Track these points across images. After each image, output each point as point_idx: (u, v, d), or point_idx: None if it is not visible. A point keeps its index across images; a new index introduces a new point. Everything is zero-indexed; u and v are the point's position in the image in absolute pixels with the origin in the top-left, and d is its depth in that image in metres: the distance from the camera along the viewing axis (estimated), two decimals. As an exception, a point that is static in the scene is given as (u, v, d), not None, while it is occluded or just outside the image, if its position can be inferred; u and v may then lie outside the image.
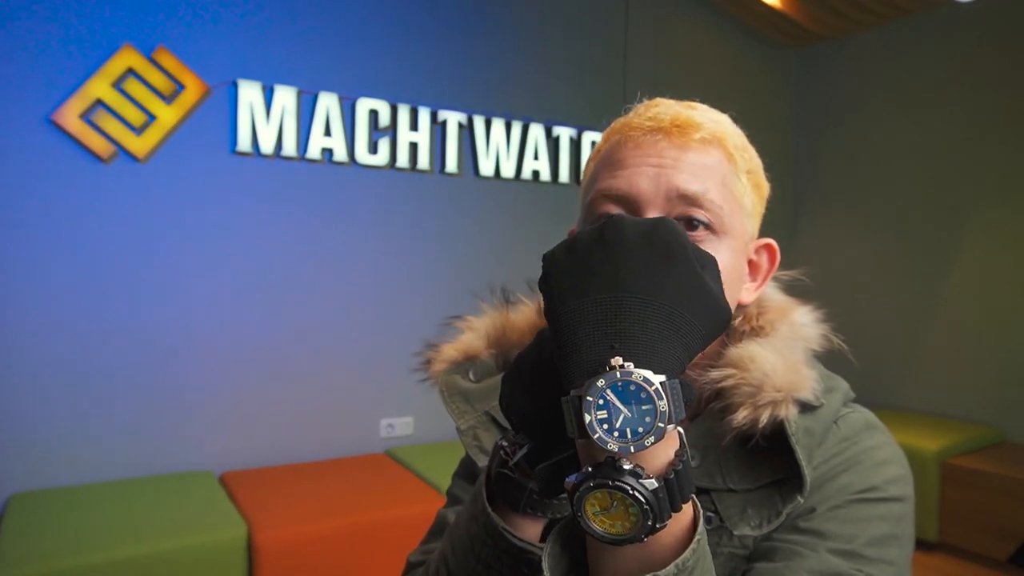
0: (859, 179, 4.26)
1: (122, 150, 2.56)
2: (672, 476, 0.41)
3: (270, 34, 2.84)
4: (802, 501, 0.58)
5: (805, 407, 0.62)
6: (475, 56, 3.34)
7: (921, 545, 3.27)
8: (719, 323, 0.46)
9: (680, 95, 0.72)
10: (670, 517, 0.41)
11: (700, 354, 0.63)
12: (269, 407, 2.88)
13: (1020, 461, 3.18)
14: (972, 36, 3.72)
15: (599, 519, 0.41)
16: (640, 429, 0.40)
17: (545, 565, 0.45)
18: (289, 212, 2.90)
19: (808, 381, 0.62)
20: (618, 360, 0.40)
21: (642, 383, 0.39)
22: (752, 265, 0.70)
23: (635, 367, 0.40)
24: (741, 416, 0.59)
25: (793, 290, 0.74)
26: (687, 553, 0.42)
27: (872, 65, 4.20)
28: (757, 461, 0.61)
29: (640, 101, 0.70)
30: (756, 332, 0.67)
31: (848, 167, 4.32)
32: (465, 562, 0.57)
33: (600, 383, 0.40)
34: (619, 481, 0.40)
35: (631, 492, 0.39)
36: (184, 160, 2.67)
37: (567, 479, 0.42)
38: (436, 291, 3.20)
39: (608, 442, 0.40)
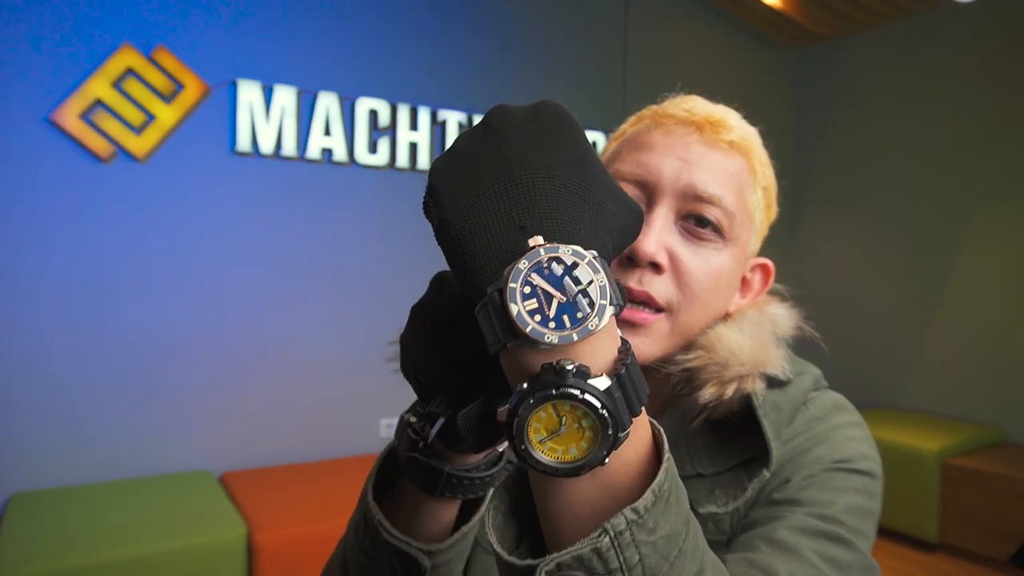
0: (859, 179, 4.26)
1: (122, 150, 2.56)
2: (623, 371, 0.34)
3: (270, 34, 2.83)
4: (767, 475, 0.57)
5: (773, 383, 0.62)
6: (475, 56, 3.34)
7: (921, 545, 3.27)
8: (634, 216, 0.40)
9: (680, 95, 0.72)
10: (631, 423, 0.35)
11: (671, 345, 0.62)
12: (269, 407, 2.87)
13: (1020, 461, 3.18)
14: (972, 36, 3.72)
15: (547, 447, 0.34)
16: (579, 314, 0.33)
17: (492, 538, 0.39)
18: (289, 212, 2.89)
19: (776, 358, 0.62)
20: (537, 239, 0.34)
21: (572, 256, 0.33)
22: (744, 282, 0.70)
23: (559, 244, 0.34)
24: (708, 393, 0.59)
25: (793, 292, 0.74)
26: (660, 475, 0.36)
27: (872, 65, 4.20)
28: (726, 444, 0.62)
29: (676, 94, 0.70)
30: (725, 319, 0.67)
31: (848, 167, 4.32)
32: (352, 547, 0.54)
33: (523, 265, 0.33)
34: (565, 387, 0.32)
35: (582, 396, 0.32)
36: (184, 160, 2.67)
37: (500, 408, 0.35)
38: (436, 291, 3.19)
39: (545, 333, 0.33)
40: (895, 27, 4.06)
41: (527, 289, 0.33)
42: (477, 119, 3.26)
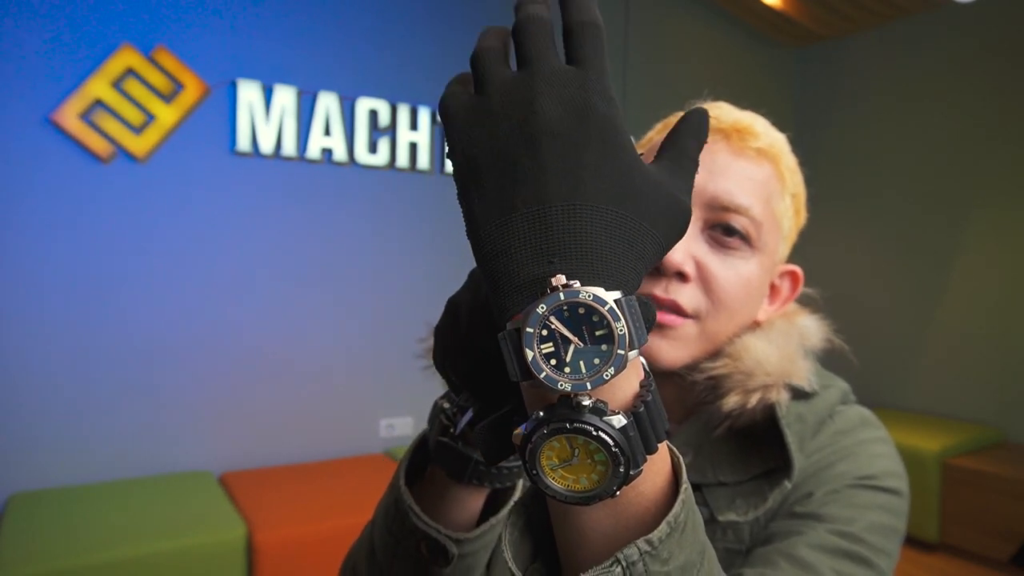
0: (859, 179, 4.26)
1: (121, 150, 2.56)
2: (641, 409, 0.34)
3: (270, 34, 2.83)
4: (789, 485, 0.58)
5: (798, 394, 0.62)
6: (475, 56, 3.34)
7: (921, 545, 3.27)
8: (678, 225, 0.38)
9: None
10: (645, 460, 0.34)
11: (698, 351, 0.62)
12: (269, 407, 2.87)
13: (1020, 461, 3.18)
14: (972, 36, 3.72)
15: (559, 475, 0.34)
16: (596, 360, 0.33)
17: (507, 555, 0.39)
18: (288, 212, 2.89)
19: (802, 370, 0.62)
20: (560, 279, 0.33)
21: (592, 303, 0.32)
22: (773, 289, 0.70)
23: (581, 285, 0.33)
24: (732, 401, 0.60)
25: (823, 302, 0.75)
26: (676, 507, 0.35)
27: (872, 65, 4.20)
28: (748, 454, 0.62)
29: (704, 100, 0.70)
30: (753, 328, 0.67)
31: (848, 167, 4.32)
32: (381, 531, 0.55)
33: (541, 309, 0.32)
34: (578, 422, 0.32)
35: (595, 433, 0.32)
36: (184, 160, 2.67)
37: (516, 431, 0.35)
38: (436, 291, 3.19)
39: (558, 380, 0.33)
40: (895, 27, 4.06)
41: (544, 332, 0.33)
42: (477, 119, 3.27)
